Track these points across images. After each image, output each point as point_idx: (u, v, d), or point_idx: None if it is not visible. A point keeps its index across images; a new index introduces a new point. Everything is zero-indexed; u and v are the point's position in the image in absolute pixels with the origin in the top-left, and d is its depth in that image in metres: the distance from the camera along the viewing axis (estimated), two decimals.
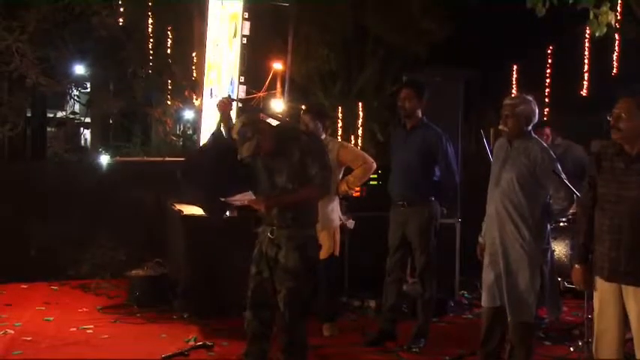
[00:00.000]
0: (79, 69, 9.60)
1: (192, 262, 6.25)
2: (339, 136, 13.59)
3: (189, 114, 11.28)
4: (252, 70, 6.48)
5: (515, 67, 14.74)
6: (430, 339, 5.45)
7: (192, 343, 5.34)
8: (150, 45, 10.34)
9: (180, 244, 6.46)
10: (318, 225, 4.33)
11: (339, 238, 5.70)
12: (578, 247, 4.00)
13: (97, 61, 9.88)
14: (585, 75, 12.95)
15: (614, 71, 12.34)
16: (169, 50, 10.61)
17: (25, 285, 7.12)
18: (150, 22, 10.37)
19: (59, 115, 12.37)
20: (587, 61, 12.91)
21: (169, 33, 10.63)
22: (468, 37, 13.05)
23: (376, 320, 5.89)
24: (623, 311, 3.70)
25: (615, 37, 11.55)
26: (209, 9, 7.35)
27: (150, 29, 10.37)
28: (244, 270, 4.36)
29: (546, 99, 13.59)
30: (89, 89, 10.92)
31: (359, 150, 6.29)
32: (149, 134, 12.63)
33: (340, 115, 14.85)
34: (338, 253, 5.72)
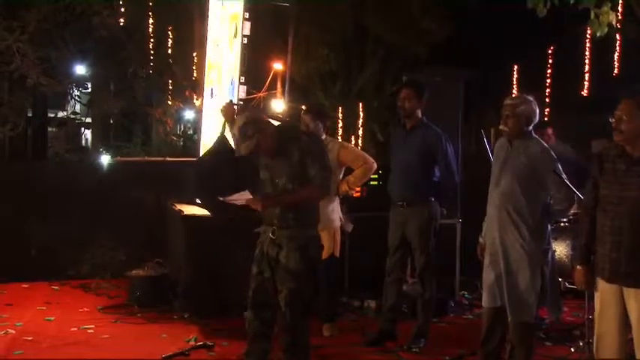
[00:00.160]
0: (79, 69, 9.60)
1: (192, 262, 6.25)
2: (339, 137, 13.56)
3: (189, 114, 11.29)
4: (253, 70, 6.49)
5: (516, 67, 14.69)
6: (430, 339, 5.45)
7: (192, 343, 5.34)
8: (150, 45, 10.35)
9: (181, 244, 6.45)
10: (318, 225, 4.32)
11: (339, 238, 5.69)
12: (580, 247, 3.99)
13: (97, 61, 9.89)
14: (586, 75, 12.90)
15: (615, 71, 12.30)
16: (170, 50, 10.61)
17: (26, 285, 7.13)
18: (150, 22, 10.36)
19: (60, 115, 12.40)
20: (587, 62, 12.86)
21: (170, 33, 10.62)
22: (468, 37, 13.00)
23: (376, 320, 5.88)
24: (624, 312, 3.70)
25: (616, 37, 11.52)
26: (209, 9, 7.34)
27: (150, 29, 10.37)
28: (245, 270, 4.36)
29: (547, 99, 13.55)
30: (90, 89, 10.93)
31: (359, 150, 6.28)
32: (150, 134, 12.61)
33: (340, 115, 14.82)
34: (338, 253, 5.72)
